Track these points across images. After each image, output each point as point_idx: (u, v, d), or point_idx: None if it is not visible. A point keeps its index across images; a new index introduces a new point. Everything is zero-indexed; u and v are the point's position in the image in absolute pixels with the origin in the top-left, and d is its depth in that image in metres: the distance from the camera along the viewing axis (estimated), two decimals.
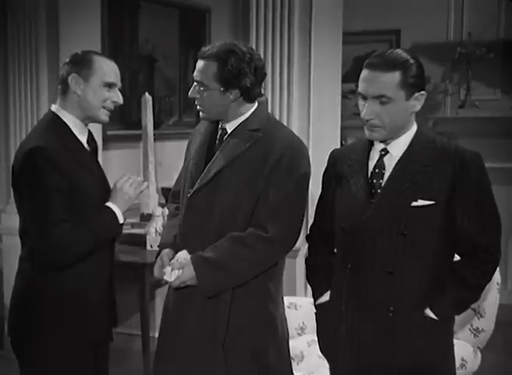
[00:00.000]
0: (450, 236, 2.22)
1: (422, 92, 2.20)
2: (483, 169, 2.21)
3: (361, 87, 2.19)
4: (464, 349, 3.26)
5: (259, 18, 4.14)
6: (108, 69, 2.46)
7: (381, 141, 2.26)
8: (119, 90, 2.53)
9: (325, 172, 2.45)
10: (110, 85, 2.46)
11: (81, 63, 2.44)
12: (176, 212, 2.65)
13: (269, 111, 4.17)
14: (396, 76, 2.15)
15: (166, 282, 2.48)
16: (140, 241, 4.20)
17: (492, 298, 3.35)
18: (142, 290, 3.97)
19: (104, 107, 2.47)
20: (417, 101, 2.21)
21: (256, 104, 2.51)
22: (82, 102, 2.44)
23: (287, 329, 2.63)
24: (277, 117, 4.13)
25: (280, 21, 4.11)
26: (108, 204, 2.48)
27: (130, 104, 4.77)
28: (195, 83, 2.46)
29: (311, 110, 4.20)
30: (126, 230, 2.67)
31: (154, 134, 4.47)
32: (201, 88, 2.44)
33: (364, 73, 2.19)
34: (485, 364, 3.45)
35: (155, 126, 4.52)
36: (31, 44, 4.30)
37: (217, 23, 5.14)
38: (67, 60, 2.48)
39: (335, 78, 4.30)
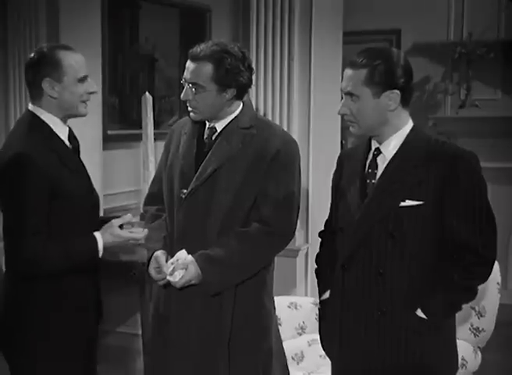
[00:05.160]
0: (440, 236, 2.21)
1: (395, 91, 2.20)
2: (475, 170, 2.19)
3: None
4: (465, 349, 3.26)
5: (259, 18, 4.14)
6: (77, 65, 2.41)
7: (378, 142, 2.28)
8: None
9: (334, 172, 2.48)
10: (83, 79, 2.42)
11: (50, 65, 2.38)
12: (158, 214, 2.66)
13: (270, 111, 4.21)
14: (361, 73, 2.19)
15: (169, 282, 2.48)
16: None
17: (492, 297, 3.35)
18: (142, 290, 3.96)
19: (81, 101, 2.44)
20: (391, 100, 2.21)
21: (241, 103, 2.56)
22: (60, 103, 2.41)
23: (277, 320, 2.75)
24: (277, 117, 4.15)
25: (280, 21, 4.12)
26: (96, 234, 2.41)
27: (131, 103, 4.76)
28: (188, 85, 2.47)
29: (311, 110, 4.20)
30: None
31: (155, 134, 4.47)
32: (196, 90, 2.46)
33: None
34: (485, 364, 3.45)
35: (156, 126, 4.52)
36: (31, 44, 4.29)
37: (217, 23, 5.13)
38: (33, 58, 2.41)
39: (335, 78, 4.30)
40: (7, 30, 4.41)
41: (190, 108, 2.52)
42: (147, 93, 4.42)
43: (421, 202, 2.17)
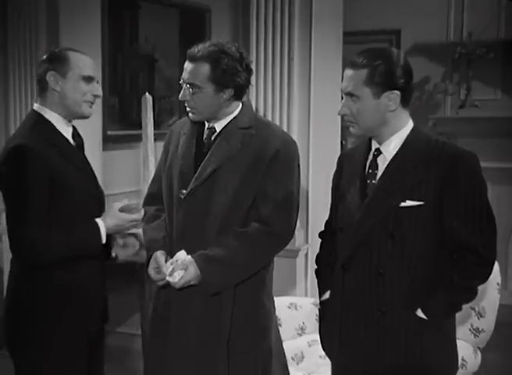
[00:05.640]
0: (440, 237, 2.20)
1: (395, 91, 2.20)
2: (475, 170, 2.19)
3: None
4: (464, 349, 3.27)
5: (259, 18, 4.14)
6: (83, 64, 2.46)
7: (378, 142, 2.28)
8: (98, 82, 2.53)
9: (334, 173, 2.48)
10: (88, 79, 2.46)
11: (57, 60, 2.44)
12: (158, 214, 2.66)
13: (270, 111, 4.21)
14: (361, 73, 2.19)
15: (168, 283, 2.47)
16: (140, 240, 4.19)
17: (492, 298, 3.35)
18: (142, 290, 3.97)
19: (85, 101, 2.47)
20: (391, 101, 2.21)
21: (241, 103, 2.56)
22: (62, 99, 2.45)
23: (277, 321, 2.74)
24: (277, 117, 4.15)
25: (280, 21, 4.12)
26: (98, 220, 2.45)
27: (130, 104, 4.77)
28: (186, 86, 2.48)
29: (311, 110, 4.20)
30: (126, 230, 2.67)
31: (155, 134, 4.46)
32: (193, 90, 2.46)
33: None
34: (485, 364, 3.45)
35: (155, 126, 4.51)
36: (31, 45, 4.30)
37: (217, 23, 5.14)
38: (43, 58, 2.49)
39: (335, 78, 4.30)
40: (7, 31, 4.42)
41: (188, 109, 2.53)
42: (146, 93, 4.42)
43: (421, 203, 2.17)
